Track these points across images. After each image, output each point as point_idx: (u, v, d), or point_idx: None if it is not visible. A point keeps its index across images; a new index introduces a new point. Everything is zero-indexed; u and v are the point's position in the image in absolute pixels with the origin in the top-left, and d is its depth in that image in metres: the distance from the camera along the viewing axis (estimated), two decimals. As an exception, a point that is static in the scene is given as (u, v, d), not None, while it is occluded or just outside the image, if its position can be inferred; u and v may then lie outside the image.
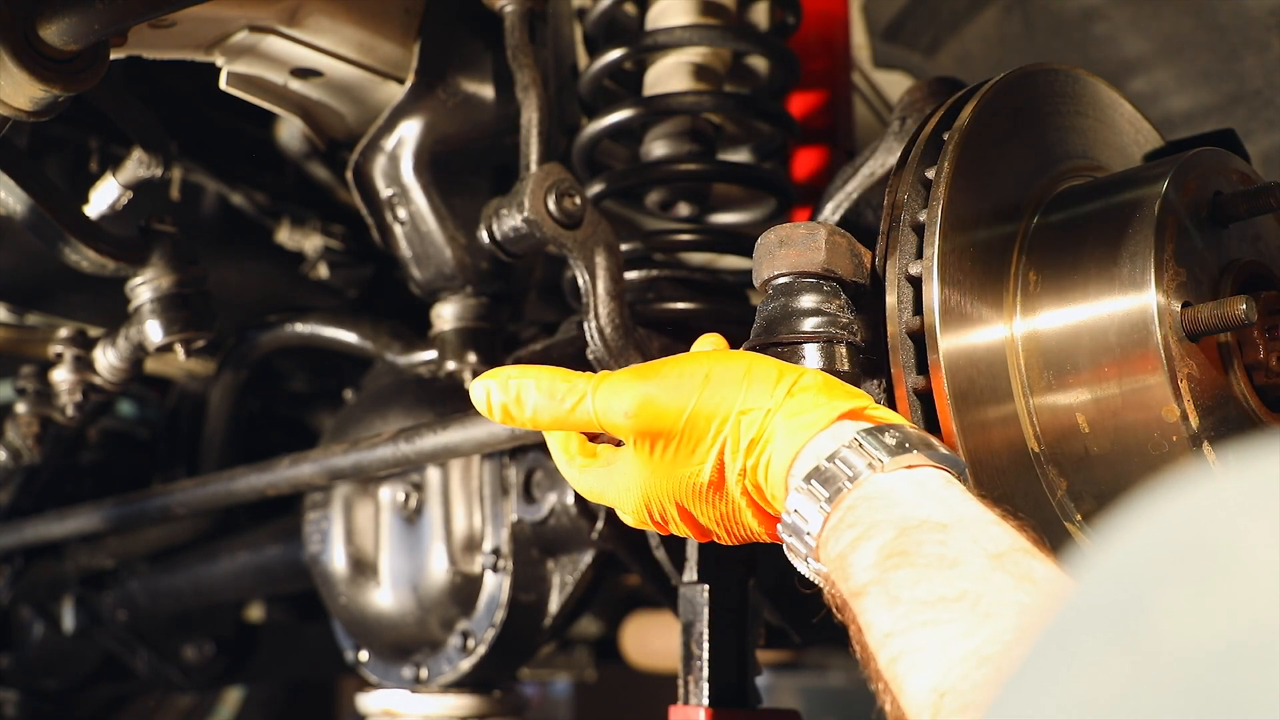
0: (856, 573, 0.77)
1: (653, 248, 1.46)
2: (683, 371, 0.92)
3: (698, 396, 0.90)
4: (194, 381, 2.20)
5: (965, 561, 0.73)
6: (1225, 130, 1.18)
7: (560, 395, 0.94)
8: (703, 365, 0.92)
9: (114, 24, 1.12)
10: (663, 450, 0.92)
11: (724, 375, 0.91)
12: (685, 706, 1.23)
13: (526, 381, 0.95)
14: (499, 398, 0.96)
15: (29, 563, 2.23)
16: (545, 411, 0.95)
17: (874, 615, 0.74)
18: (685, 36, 1.41)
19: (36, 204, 1.37)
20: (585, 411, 0.94)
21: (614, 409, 0.92)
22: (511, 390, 0.95)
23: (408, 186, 1.50)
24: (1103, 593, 0.46)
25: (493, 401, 0.96)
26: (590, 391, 0.94)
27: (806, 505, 0.84)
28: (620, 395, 0.92)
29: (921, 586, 0.73)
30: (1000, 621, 0.68)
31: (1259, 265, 1.05)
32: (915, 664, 0.69)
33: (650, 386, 0.92)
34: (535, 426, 0.97)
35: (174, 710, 2.83)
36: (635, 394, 0.92)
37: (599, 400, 0.93)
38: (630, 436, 0.94)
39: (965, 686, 0.65)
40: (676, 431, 0.91)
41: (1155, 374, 0.95)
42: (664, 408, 0.91)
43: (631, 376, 0.93)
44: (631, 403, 0.92)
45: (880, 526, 0.78)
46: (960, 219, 1.00)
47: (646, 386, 0.92)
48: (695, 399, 0.90)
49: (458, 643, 1.53)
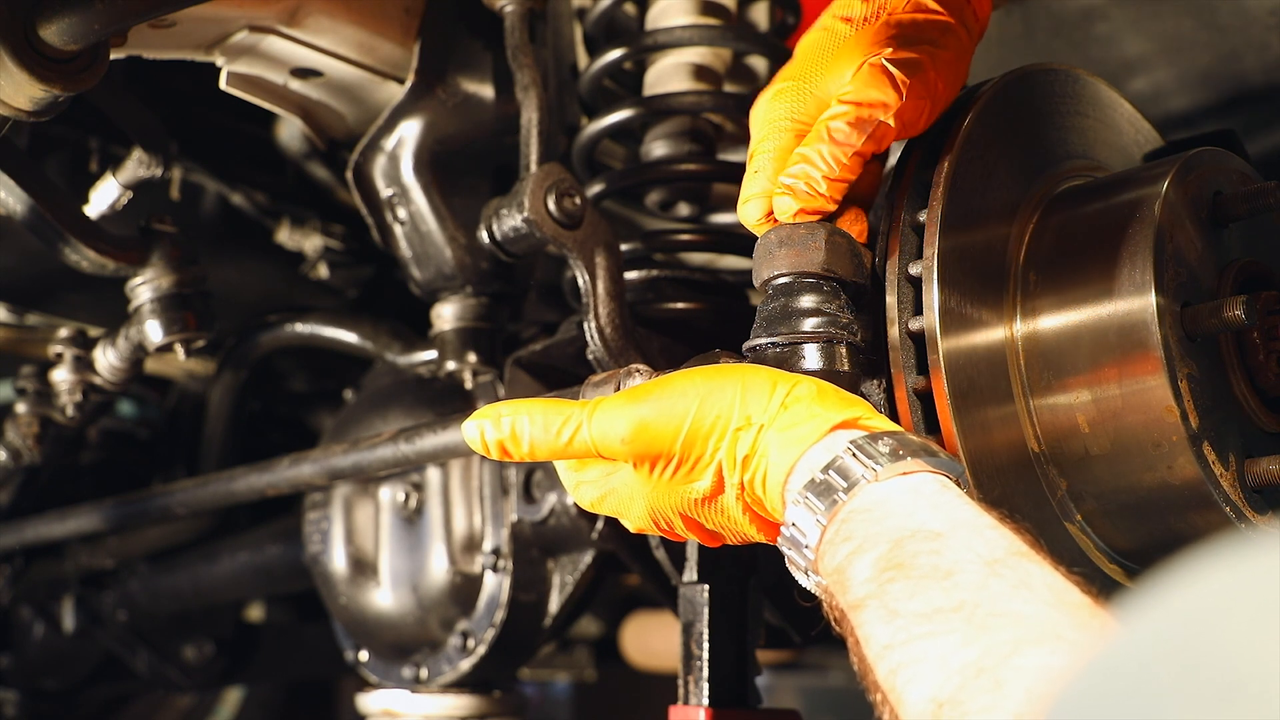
0: (854, 586, 0.78)
1: (653, 248, 1.46)
2: (675, 392, 0.92)
3: (692, 416, 0.90)
4: (194, 381, 2.20)
5: (961, 570, 0.73)
6: (1225, 130, 1.18)
7: (555, 428, 0.93)
8: (696, 384, 0.92)
9: (114, 24, 1.12)
10: (661, 470, 0.92)
11: (717, 392, 0.91)
12: (685, 706, 1.23)
13: (520, 418, 0.94)
14: (494, 435, 0.95)
15: (29, 563, 2.23)
16: (542, 445, 0.94)
17: (872, 628, 0.75)
18: (685, 36, 1.41)
19: (36, 204, 1.37)
20: (582, 441, 0.93)
21: (610, 436, 0.92)
22: (505, 428, 0.95)
23: (408, 186, 1.50)
24: (1121, 693, 0.46)
25: (488, 440, 0.95)
26: (585, 420, 0.93)
27: (804, 518, 0.84)
28: (615, 422, 0.92)
29: (918, 599, 0.73)
30: (998, 634, 0.68)
31: (1259, 265, 1.05)
32: (914, 675, 0.70)
33: (644, 409, 0.91)
34: (534, 460, 0.96)
35: (174, 710, 2.83)
36: (630, 419, 0.91)
37: (595, 429, 0.92)
38: (629, 460, 0.93)
39: (963, 697, 0.66)
40: (674, 453, 0.91)
41: (1155, 374, 0.95)
42: (659, 431, 0.91)
43: (625, 401, 0.93)
44: (627, 428, 0.91)
45: (875, 539, 0.79)
46: (960, 219, 1.00)
47: (640, 410, 0.91)
48: (690, 419, 0.90)
49: (458, 643, 1.53)
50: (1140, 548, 1.04)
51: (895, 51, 0.98)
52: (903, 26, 1.00)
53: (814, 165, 0.98)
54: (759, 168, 1.03)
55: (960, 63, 1.02)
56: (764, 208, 1.02)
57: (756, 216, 1.03)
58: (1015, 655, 0.66)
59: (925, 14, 1.01)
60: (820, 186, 0.99)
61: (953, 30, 1.01)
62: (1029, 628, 0.68)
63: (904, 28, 1.00)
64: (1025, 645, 0.66)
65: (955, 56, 1.01)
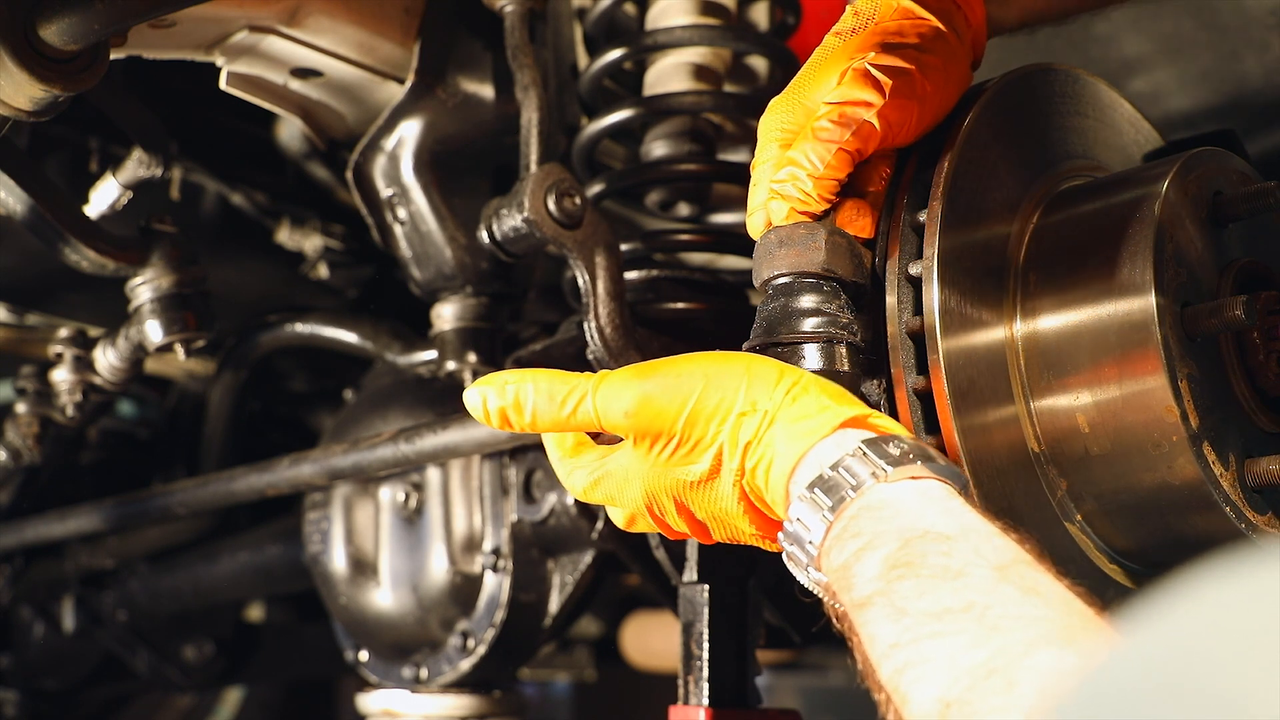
0: (860, 584, 0.77)
1: (653, 248, 1.46)
2: (682, 371, 0.92)
3: (696, 396, 0.90)
4: (194, 381, 2.20)
5: (970, 573, 0.73)
6: (1225, 130, 1.18)
7: (560, 397, 0.94)
8: (702, 365, 0.93)
9: (114, 24, 1.12)
10: (661, 449, 0.92)
11: (723, 375, 0.91)
12: (685, 706, 1.23)
13: (525, 385, 0.94)
14: (496, 403, 0.95)
15: (29, 563, 2.23)
16: (545, 415, 0.94)
17: (878, 627, 0.74)
18: (685, 36, 1.41)
19: (36, 204, 1.37)
20: (586, 412, 0.93)
21: (614, 408, 0.92)
22: (510, 395, 0.94)
23: (408, 186, 1.50)
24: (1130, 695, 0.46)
25: (489, 407, 0.95)
26: (590, 392, 0.93)
27: (809, 514, 0.84)
28: (620, 394, 0.92)
29: (927, 598, 0.72)
30: (1009, 635, 0.67)
31: (1259, 265, 1.05)
32: (921, 675, 0.69)
33: (650, 385, 0.92)
34: (534, 430, 0.96)
35: (174, 710, 2.83)
36: (635, 392, 0.92)
37: (600, 400, 0.93)
38: (630, 435, 0.94)
39: (972, 698, 0.65)
40: (675, 431, 0.91)
41: (1155, 374, 0.95)
42: (663, 407, 0.91)
43: (631, 375, 0.93)
44: (632, 401, 0.91)
45: (884, 537, 0.78)
46: (960, 219, 1.00)
47: (646, 385, 0.92)
48: (694, 398, 0.90)
49: (458, 643, 1.53)
50: (1140, 548, 1.04)
51: (878, 56, 1.00)
52: (888, 34, 1.02)
53: (799, 165, 0.99)
54: (757, 180, 1.04)
55: (951, 67, 1.03)
56: (765, 218, 1.03)
57: (759, 228, 1.04)
58: (1028, 657, 0.65)
59: (911, 20, 1.03)
60: (806, 185, 0.99)
61: (942, 36, 1.03)
62: (1042, 630, 0.67)
63: (889, 35, 1.02)
64: (1039, 647, 0.65)
65: (944, 61, 1.02)
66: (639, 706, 2.19)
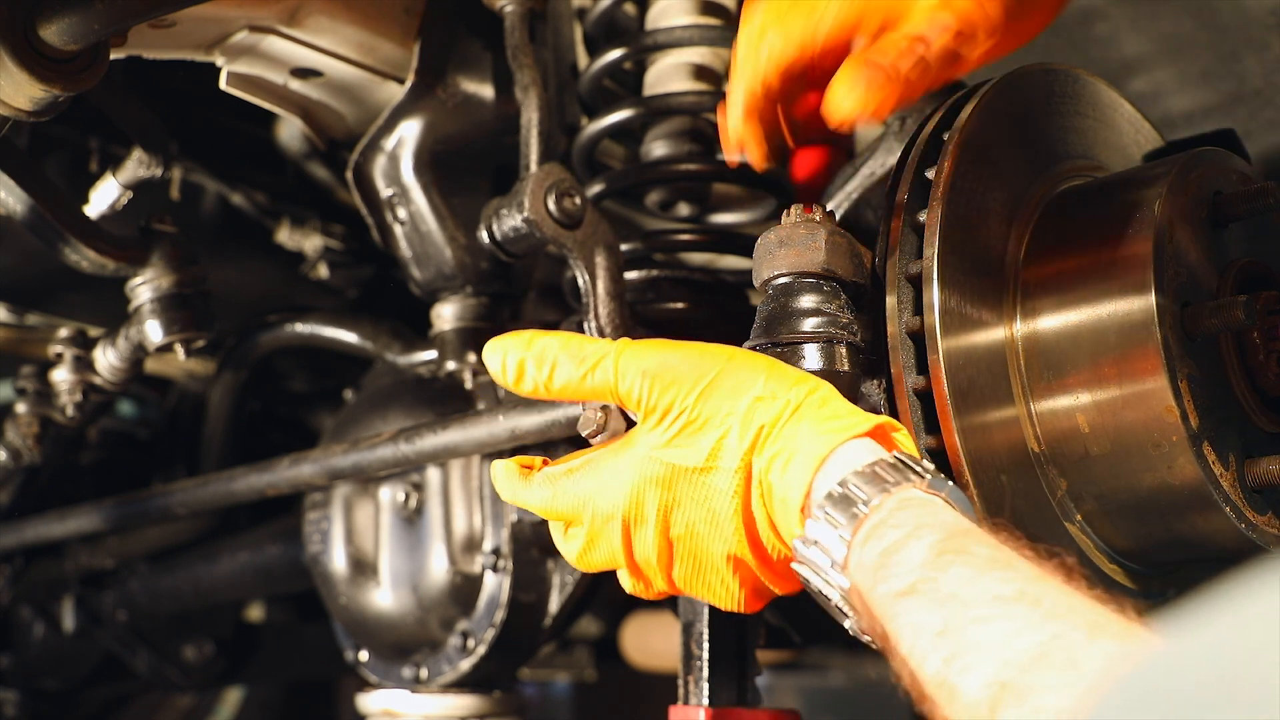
0: (902, 572, 0.75)
1: (653, 248, 1.46)
2: (705, 350, 0.94)
3: (716, 372, 0.91)
4: (194, 381, 2.20)
5: (1019, 566, 0.71)
6: (1225, 130, 1.18)
7: (581, 354, 0.94)
8: (725, 350, 0.94)
9: (114, 24, 1.12)
10: (669, 425, 0.92)
11: (744, 364, 0.92)
12: (685, 706, 1.23)
13: (549, 338, 0.95)
14: (517, 356, 0.95)
15: (29, 563, 2.23)
16: (563, 370, 0.94)
17: (923, 615, 0.71)
18: (685, 36, 1.41)
19: (36, 204, 1.37)
20: (605, 371, 0.94)
21: (633, 368, 0.93)
22: (535, 346, 0.95)
23: (408, 186, 1.50)
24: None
25: (509, 361, 0.95)
26: (613, 353, 0.94)
27: (838, 510, 0.82)
28: (642, 356, 0.93)
29: (977, 585, 0.70)
30: (1066, 622, 0.64)
31: (1259, 265, 1.05)
32: (973, 662, 0.66)
33: (672, 356, 0.93)
34: (547, 391, 0.96)
35: (174, 710, 2.83)
36: (657, 356, 0.93)
37: (621, 360, 0.93)
38: (640, 405, 0.93)
39: (1030, 681, 0.62)
40: (687, 404, 0.91)
41: (1155, 374, 0.95)
42: (681, 375, 0.92)
43: (655, 343, 0.95)
44: (653, 362, 0.92)
45: (929, 528, 0.77)
46: (960, 219, 1.00)
47: (668, 355, 0.93)
48: (713, 374, 0.91)
49: (458, 643, 1.53)
50: (1140, 548, 1.04)
51: None
52: None
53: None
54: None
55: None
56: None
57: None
58: (1091, 644, 0.62)
59: None
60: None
61: None
62: (1098, 619, 0.65)
63: None
64: (1100, 635, 0.63)
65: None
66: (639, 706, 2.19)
